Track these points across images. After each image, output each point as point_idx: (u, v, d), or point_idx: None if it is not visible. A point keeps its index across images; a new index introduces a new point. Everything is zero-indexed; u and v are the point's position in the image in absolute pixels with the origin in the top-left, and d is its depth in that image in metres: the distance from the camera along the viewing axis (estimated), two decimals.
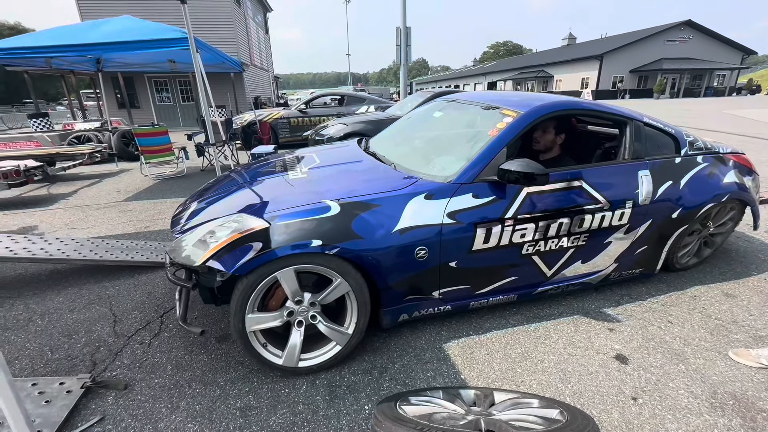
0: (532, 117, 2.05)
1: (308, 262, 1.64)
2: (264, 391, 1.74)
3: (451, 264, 1.88)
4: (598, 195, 2.08)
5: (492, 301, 2.12)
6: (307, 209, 1.72)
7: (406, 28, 11.07)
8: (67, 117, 16.26)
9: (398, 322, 1.96)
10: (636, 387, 1.73)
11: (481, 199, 1.88)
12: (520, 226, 1.94)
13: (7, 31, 45.40)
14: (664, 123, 2.41)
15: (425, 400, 1.28)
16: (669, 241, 2.38)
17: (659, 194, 2.23)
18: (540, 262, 2.09)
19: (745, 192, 2.54)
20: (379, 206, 1.77)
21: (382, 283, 1.78)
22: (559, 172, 2.05)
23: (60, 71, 9.18)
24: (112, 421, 1.58)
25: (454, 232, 1.83)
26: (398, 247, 1.74)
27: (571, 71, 35.93)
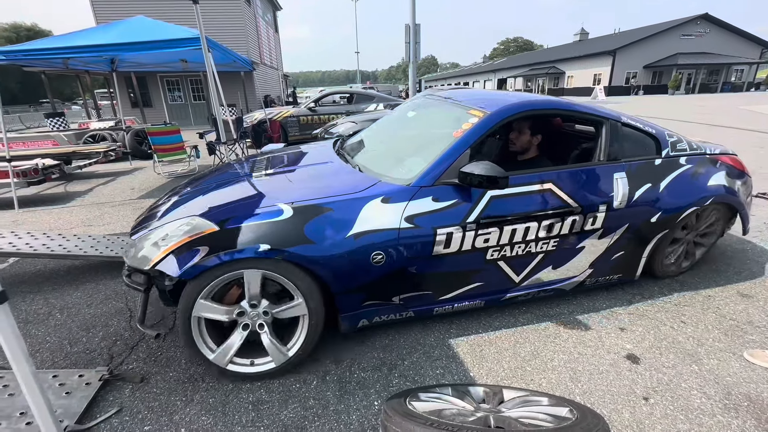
0: (497, 118, 1.98)
1: (256, 267, 1.62)
2: (275, 386, 1.77)
3: (411, 269, 1.83)
4: (569, 198, 1.99)
5: (457, 308, 2.06)
6: (258, 213, 1.70)
7: (416, 25, 11.01)
8: (82, 116, 16.62)
9: (358, 327, 1.92)
10: (647, 387, 1.71)
11: (442, 202, 1.82)
12: (484, 230, 1.87)
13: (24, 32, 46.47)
14: (645, 123, 2.31)
15: (434, 397, 1.29)
16: (648, 246, 2.29)
17: (636, 197, 2.13)
18: (507, 267, 2.02)
19: (732, 195, 2.41)
20: (333, 210, 1.73)
21: (337, 288, 1.74)
22: (526, 174, 1.98)
23: (75, 71, 9.37)
24: (129, 413, 1.63)
25: (413, 237, 1.77)
26: (352, 252, 1.70)
27: (583, 67, 35.37)
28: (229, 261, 1.58)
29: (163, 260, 1.60)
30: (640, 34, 32.77)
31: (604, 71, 32.62)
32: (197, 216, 1.73)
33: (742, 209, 2.50)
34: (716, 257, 2.91)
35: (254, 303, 1.71)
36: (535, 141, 2.45)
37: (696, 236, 2.56)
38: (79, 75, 11.39)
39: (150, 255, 1.64)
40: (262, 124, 8.40)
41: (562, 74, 38.44)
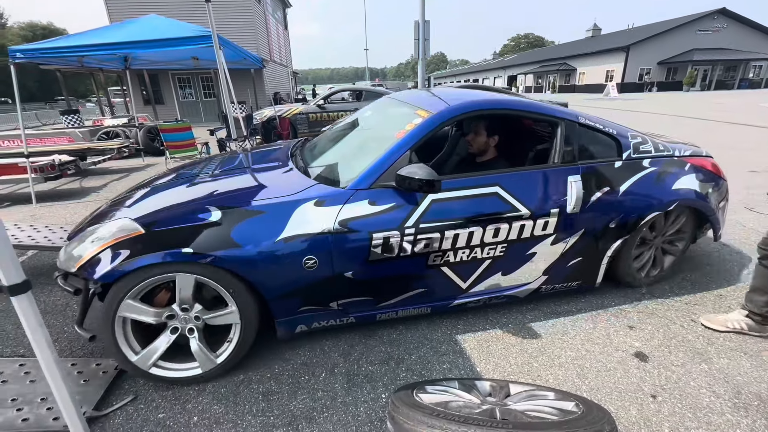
0: (441, 118, 1.92)
1: (182, 271, 1.58)
2: (285, 377, 1.80)
3: (347, 275, 1.77)
4: (517, 202, 1.91)
5: (402, 313, 2.01)
6: (185, 216, 1.67)
7: (425, 22, 10.97)
8: (96, 113, 16.92)
9: (296, 333, 1.89)
10: (656, 385, 1.71)
11: (379, 206, 1.76)
12: (424, 235, 1.80)
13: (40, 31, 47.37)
14: (606, 123, 2.20)
15: (441, 389, 1.31)
16: (608, 252, 2.18)
17: (592, 202, 2.02)
18: (451, 273, 1.95)
19: (701, 200, 2.26)
20: (264, 213, 1.69)
21: (270, 294, 1.70)
22: (471, 177, 1.92)
23: (90, 69, 9.54)
24: (143, 401, 1.68)
25: (347, 242, 1.72)
26: (283, 256, 1.65)
27: (596, 64, 34.83)
28: (150, 265, 1.54)
29: (89, 262, 1.56)
30: (655, 30, 32.14)
31: (617, 68, 32.09)
32: (129, 219, 1.70)
33: (711, 214, 2.34)
34: (730, 257, 2.87)
35: (186, 307, 1.67)
36: (492, 142, 2.36)
37: (663, 243, 2.42)
38: (94, 73, 11.60)
39: (77, 257, 1.60)
40: (272, 121, 8.47)
41: (574, 71, 37.91)
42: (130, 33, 4.75)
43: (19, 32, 46.15)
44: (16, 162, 4.97)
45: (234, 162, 2.51)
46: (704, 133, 8.57)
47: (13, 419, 1.51)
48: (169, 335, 1.70)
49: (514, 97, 2.22)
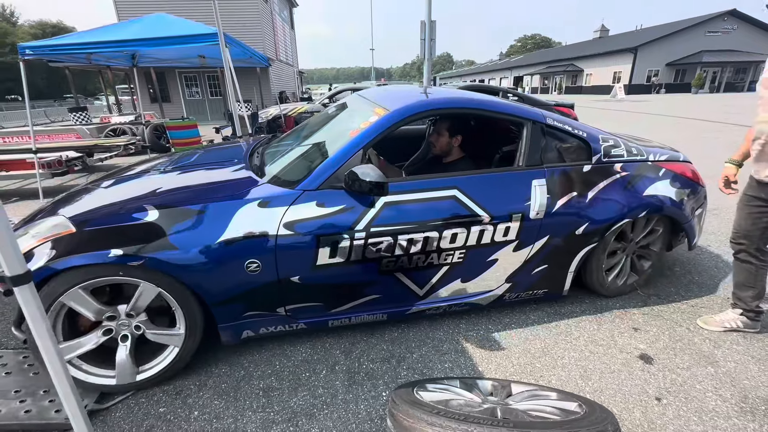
0: (395, 117, 1.83)
1: (107, 274, 1.50)
2: (286, 374, 1.80)
3: (294, 279, 1.70)
4: (476, 207, 1.83)
5: (355, 320, 1.94)
6: (120, 215, 1.60)
7: (431, 22, 10.94)
8: (103, 111, 17.08)
9: (242, 339, 1.82)
10: (660, 387, 1.68)
11: (327, 208, 1.68)
12: (375, 239, 1.71)
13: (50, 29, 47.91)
14: (576, 125, 2.12)
15: (442, 388, 1.30)
16: (575, 260, 2.09)
17: (558, 207, 1.93)
18: (407, 280, 1.88)
19: (674, 207, 2.15)
20: (204, 213, 1.61)
21: (209, 298, 1.63)
22: (427, 179, 1.85)
23: (98, 67, 9.62)
24: (144, 395, 1.68)
25: (292, 245, 1.63)
26: (223, 259, 1.57)
27: (603, 65, 34.58)
28: (80, 266, 1.45)
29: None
30: (664, 31, 31.84)
31: (625, 69, 31.83)
32: (64, 216, 1.63)
33: (685, 222, 2.23)
34: None
35: (112, 315, 1.60)
36: (455, 142, 2.29)
37: (636, 250, 2.33)
38: (102, 71, 11.69)
39: None
40: (277, 119, 8.49)
41: (581, 72, 37.67)
42: (138, 31, 4.78)
43: (29, 30, 46.71)
44: (25, 158, 5.02)
45: (191, 158, 2.43)
46: (712, 133, 8.47)
47: (16, 410, 1.52)
48: (99, 335, 1.61)
49: (478, 96, 2.11)
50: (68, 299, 1.51)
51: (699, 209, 2.33)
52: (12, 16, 48.78)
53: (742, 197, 1.89)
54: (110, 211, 1.65)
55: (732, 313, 2.03)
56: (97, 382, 1.63)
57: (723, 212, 3.75)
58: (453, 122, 2.28)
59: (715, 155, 5.97)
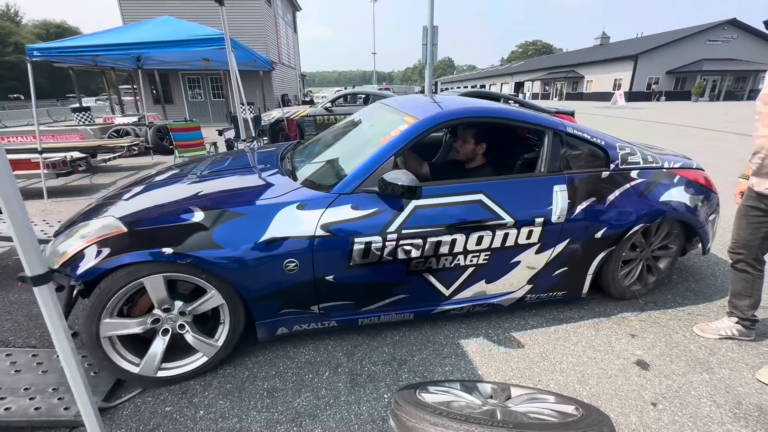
0: (426, 125, 1.93)
1: (162, 271, 1.60)
2: (289, 375, 1.84)
3: (328, 278, 1.78)
4: (501, 210, 1.90)
5: (384, 319, 2.01)
6: (168, 216, 1.68)
7: (433, 27, 11.04)
8: (106, 111, 17.14)
9: (276, 335, 1.90)
10: (656, 393, 1.72)
11: (362, 210, 1.77)
12: (406, 241, 1.80)
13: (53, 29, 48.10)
14: (594, 133, 2.21)
15: (443, 390, 1.34)
16: (594, 263, 2.16)
17: (578, 212, 2.01)
18: (434, 280, 1.95)
19: (689, 213, 2.23)
20: (246, 215, 1.70)
21: (249, 295, 1.72)
22: (455, 184, 1.92)
23: (102, 68, 9.70)
24: (151, 394, 1.72)
25: (329, 246, 1.72)
26: (263, 258, 1.66)
27: (603, 72, 34.80)
28: (131, 263, 1.54)
29: (71, 259, 1.55)
30: (664, 39, 32.09)
31: (625, 76, 32.04)
32: (114, 217, 1.71)
33: (700, 227, 2.30)
34: None
35: (167, 307, 1.69)
36: (480, 150, 2.36)
37: (652, 255, 2.39)
38: (105, 71, 11.76)
39: (61, 253, 1.60)
40: (280, 122, 8.55)
41: (581, 78, 37.89)
42: (144, 34, 4.84)
43: (33, 30, 46.92)
44: (30, 157, 5.07)
45: (224, 163, 2.52)
46: (713, 141, 8.54)
47: (26, 408, 1.55)
48: (162, 338, 1.72)
49: (503, 106, 2.24)
50: (109, 319, 1.61)
51: (712, 215, 2.42)
52: (16, 15, 49.01)
53: (741, 208, 1.94)
54: (158, 212, 1.73)
55: (728, 321, 2.07)
56: (121, 365, 1.68)
57: (721, 221, 3.80)
58: (478, 130, 2.35)
59: (718, 164, 6.03)
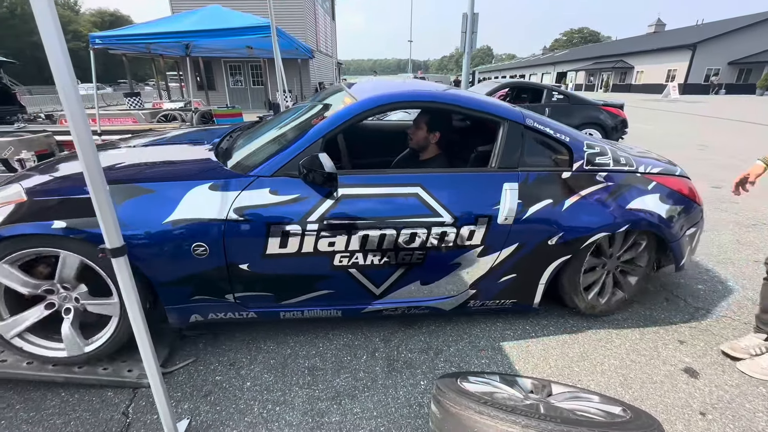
0: (360, 108, 1.77)
1: (49, 245, 1.51)
2: (329, 356, 1.91)
3: (242, 266, 1.66)
4: (439, 207, 1.74)
5: (308, 314, 1.88)
6: (74, 188, 1.59)
7: (474, 14, 10.73)
8: (153, 97, 18.06)
9: (190, 322, 1.80)
10: (705, 402, 1.65)
11: (281, 196, 1.64)
12: (328, 232, 1.66)
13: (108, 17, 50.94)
14: (559, 128, 2.00)
15: (484, 381, 1.35)
16: (546, 271, 1.96)
17: (530, 214, 1.82)
18: (362, 277, 1.81)
19: (662, 224, 1.99)
20: (154, 192, 1.60)
21: (154, 278, 1.62)
22: (389, 174, 1.78)
23: (152, 55, 10.19)
24: (203, 363, 1.84)
25: (242, 231, 1.60)
26: (169, 240, 1.56)
27: (656, 62, 32.52)
28: (24, 235, 1.48)
29: None
30: (727, 27, 29.46)
31: (680, 67, 29.80)
32: (21, 185, 1.65)
33: (672, 241, 2.05)
34: None
35: (67, 286, 1.62)
36: (433, 138, 2.18)
37: (618, 268, 2.17)
38: (154, 58, 12.36)
39: None
40: None
41: (631, 69, 35.64)
42: (195, 22, 5.04)
43: (90, 19, 49.92)
44: None
45: (168, 136, 2.44)
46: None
47: (96, 367, 1.72)
48: (42, 309, 1.64)
49: (453, 92, 2.02)
50: (7, 265, 1.54)
51: (692, 228, 2.15)
52: (75, 4, 52.29)
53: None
54: (67, 182, 1.67)
55: (756, 339, 1.90)
56: (50, 354, 1.67)
57: (754, 235, 3.52)
58: (432, 117, 2.18)
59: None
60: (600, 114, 6.12)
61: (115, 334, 1.69)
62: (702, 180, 5.14)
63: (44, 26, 0.91)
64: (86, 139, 1.04)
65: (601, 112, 6.14)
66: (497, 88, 6.46)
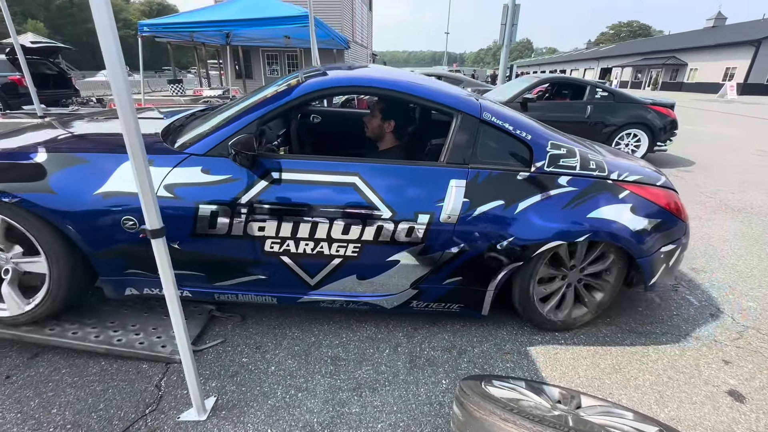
0: (300, 92, 1.72)
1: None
2: (351, 347, 1.92)
3: (173, 244, 1.65)
4: (377, 199, 1.66)
5: (243, 298, 1.87)
6: (17, 153, 1.64)
7: (515, 6, 10.35)
8: (194, 84, 18.73)
9: (126, 295, 1.83)
10: (752, 430, 1.53)
11: (213, 176, 1.63)
12: (259, 216, 1.63)
13: (156, 6, 53.17)
14: (522, 125, 1.85)
15: (509, 387, 1.31)
16: (495, 278, 1.82)
17: (477, 214, 1.70)
18: (295, 266, 1.76)
19: (629, 237, 1.80)
20: (88, 162, 1.62)
21: (87, 249, 1.65)
22: (327, 161, 1.70)
23: (195, 43, 10.55)
24: (230, 345, 1.91)
25: (171, 209, 1.60)
26: (99, 211, 1.58)
27: (713, 59, 30.22)
28: None
29: None
30: None
31: (741, 65, 27.57)
32: None
33: (641, 257, 1.86)
34: None
35: (1, 248, 1.68)
36: (388, 128, 2.11)
37: (581, 281, 1.99)
38: (197, 47, 12.79)
39: None
40: (350, 101, 8.70)
41: (683, 66, 33.37)
42: (236, 11, 5.16)
43: (139, 7, 52.30)
44: None
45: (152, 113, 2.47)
46: None
47: (133, 341, 1.81)
48: (5, 277, 1.71)
49: (402, 78, 1.91)
50: None
51: (670, 246, 1.93)
52: None
53: None
54: (12, 148, 1.70)
55: None
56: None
57: None
58: (386, 105, 2.11)
59: None
60: (647, 113, 5.75)
61: (49, 292, 1.73)
62: (758, 189, 4.75)
63: (98, 15, 0.95)
64: (133, 127, 1.09)
65: (649, 112, 5.77)
66: (535, 84, 6.19)
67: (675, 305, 2.34)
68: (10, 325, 1.79)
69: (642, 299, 2.39)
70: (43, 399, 1.55)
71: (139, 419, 1.49)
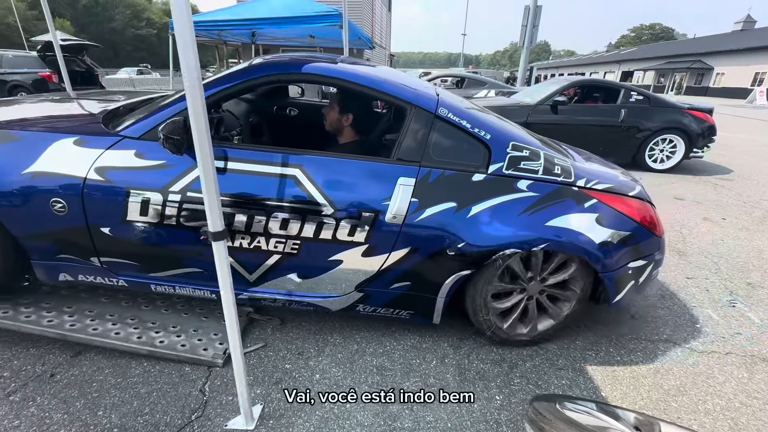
0: (241, 76, 1.64)
1: None
2: (396, 357, 1.84)
3: (104, 230, 1.60)
4: (318, 194, 1.57)
5: (181, 291, 1.79)
6: None
7: (537, 7, 10.17)
8: None
9: (60, 280, 1.79)
10: None
11: (146, 160, 1.56)
12: (192, 206, 1.55)
13: None
14: (481, 123, 1.73)
15: (584, 410, 1.21)
16: (445, 284, 1.71)
17: (425, 216, 1.59)
18: (231, 260, 1.64)
19: (592, 249, 1.66)
20: (20, 140, 1.59)
21: (16, 230, 1.63)
22: (266, 151, 1.61)
23: (215, 42, 10.64)
24: (272, 349, 1.85)
25: (101, 192, 1.54)
26: (27, 192, 1.54)
27: (741, 63, 29.28)
28: None
29: None
30: None
31: None
32: None
33: (604, 272, 1.72)
34: None
35: None
36: (346, 121, 2.03)
37: (544, 292, 1.84)
38: (218, 45, 12.91)
39: None
40: None
41: (710, 70, 32.41)
42: (264, 10, 5.15)
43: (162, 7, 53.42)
44: None
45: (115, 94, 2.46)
46: None
47: (175, 343, 1.77)
48: None
49: (356, 69, 1.81)
50: None
51: (639, 261, 1.79)
52: None
53: None
54: None
55: None
56: None
57: None
58: (343, 97, 2.03)
59: None
60: (683, 118, 5.53)
61: None
62: None
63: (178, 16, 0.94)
64: (203, 128, 1.04)
65: (685, 116, 5.55)
66: (565, 87, 6.01)
67: (735, 323, 2.20)
68: None
69: (699, 315, 2.25)
70: (88, 400, 1.52)
71: (186, 425, 1.44)
